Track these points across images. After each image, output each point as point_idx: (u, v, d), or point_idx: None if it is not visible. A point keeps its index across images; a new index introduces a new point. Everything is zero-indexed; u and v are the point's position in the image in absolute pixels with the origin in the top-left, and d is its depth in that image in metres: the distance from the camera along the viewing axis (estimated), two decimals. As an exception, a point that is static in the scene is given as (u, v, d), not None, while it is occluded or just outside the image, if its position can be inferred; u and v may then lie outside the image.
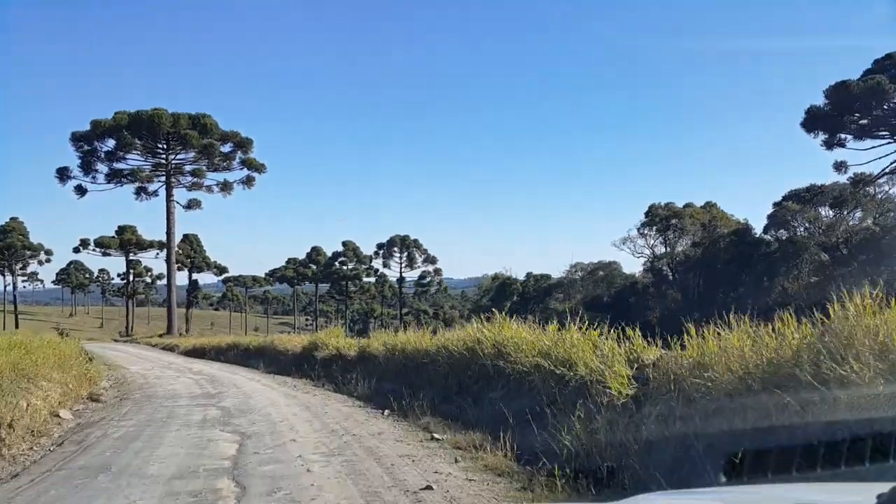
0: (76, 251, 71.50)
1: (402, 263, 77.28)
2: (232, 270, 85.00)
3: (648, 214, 50.91)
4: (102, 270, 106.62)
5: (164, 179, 48.75)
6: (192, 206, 50.02)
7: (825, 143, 37.10)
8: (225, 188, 49.68)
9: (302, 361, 16.79)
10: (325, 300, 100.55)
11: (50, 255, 76.70)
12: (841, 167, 38.18)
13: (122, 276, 77.79)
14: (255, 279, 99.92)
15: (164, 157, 48.71)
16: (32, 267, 78.20)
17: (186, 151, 48.86)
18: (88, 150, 46.93)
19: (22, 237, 69.12)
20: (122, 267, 73.96)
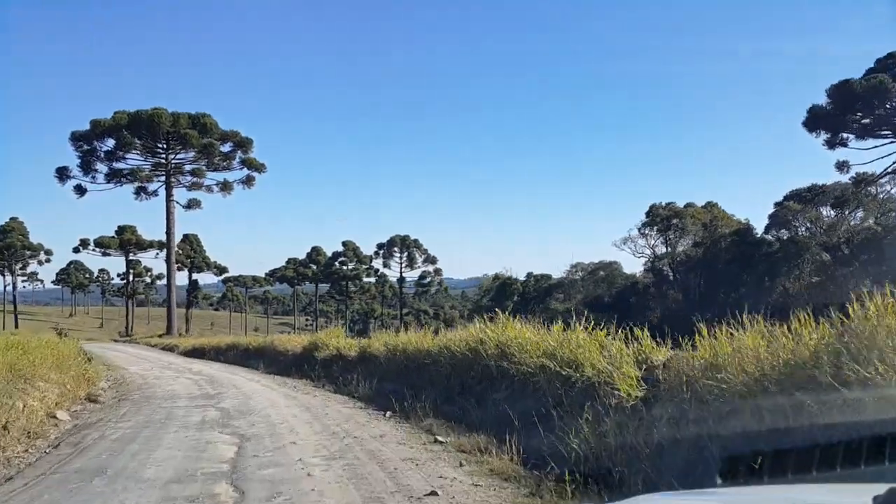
0: (76, 251, 71.36)
1: (402, 263, 77.17)
2: (232, 270, 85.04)
3: (649, 214, 50.84)
4: (102, 270, 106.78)
5: (163, 179, 48.60)
6: (191, 205, 49.93)
7: (827, 142, 36.99)
8: (225, 188, 49.54)
9: (302, 362, 16.67)
10: (325, 300, 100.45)
11: (50, 255, 76.78)
12: (843, 167, 38.05)
13: (121, 276, 77.71)
14: (255, 279, 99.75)
15: (163, 156, 48.56)
16: (32, 267, 78.36)
17: (186, 151, 48.72)
18: (88, 149, 46.77)
19: (22, 237, 69.07)
20: (121, 267, 73.89)
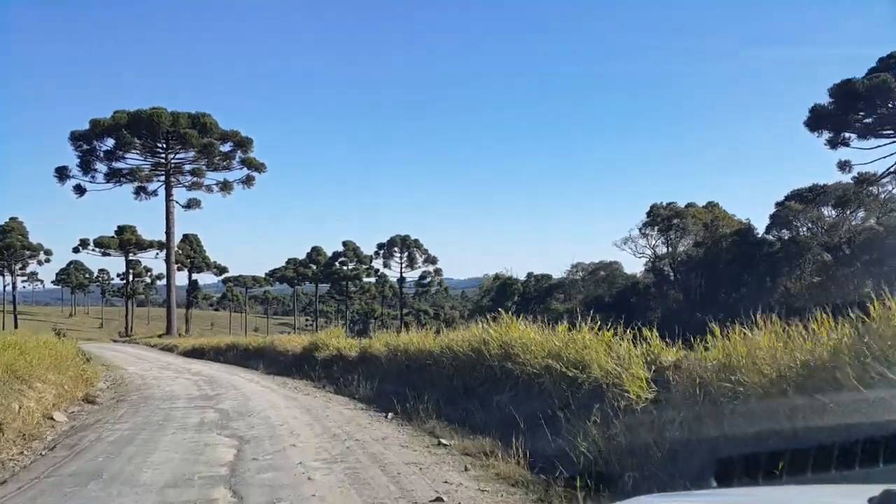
0: (76, 251, 71.15)
1: (402, 263, 76.94)
2: (232, 270, 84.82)
3: (650, 214, 50.72)
4: (102, 270, 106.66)
5: (163, 179, 48.45)
6: (191, 205, 49.77)
7: (829, 141, 36.85)
8: (225, 188, 49.39)
9: (302, 362, 16.53)
10: (325, 300, 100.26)
11: (49, 255, 76.59)
12: (845, 166, 37.92)
13: (121, 276, 77.39)
14: (255, 279, 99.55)
15: (163, 156, 48.40)
16: (32, 267, 78.11)
17: (186, 151, 48.57)
18: (87, 149, 46.61)
19: (21, 237, 68.86)
20: (121, 267, 73.64)
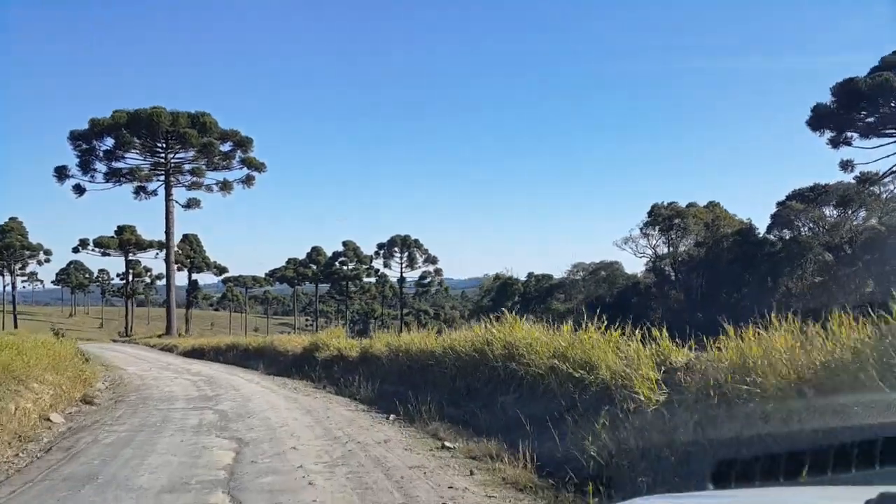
0: (76, 251, 70.93)
1: (402, 263, 76.71)
2: (232, 270, 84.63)
3: (651, 214, 50.59)
4: (102, 270, 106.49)
5: (163, 178, 48.23)
6: (191, 205, 49.54)
7: (831, 141, 36.69)
8: (224, 187, 49.18)
9: (302, 363, 16.39)
10: (325, 300, 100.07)
11: (49, 255, 76.51)
12: (847, 166, 37.74)
13: (121, 276, 77.22)
14: (255, 279, 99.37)
15: (163, 155, 48.19)
16: (32, 267, 78.07)
17: (186, 150, 48.38)
18: (87, 148, 46.41)
19: (21, 237, 68.72)
20: (121, 267, 73.48)
